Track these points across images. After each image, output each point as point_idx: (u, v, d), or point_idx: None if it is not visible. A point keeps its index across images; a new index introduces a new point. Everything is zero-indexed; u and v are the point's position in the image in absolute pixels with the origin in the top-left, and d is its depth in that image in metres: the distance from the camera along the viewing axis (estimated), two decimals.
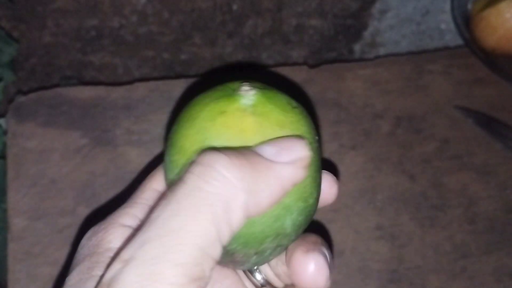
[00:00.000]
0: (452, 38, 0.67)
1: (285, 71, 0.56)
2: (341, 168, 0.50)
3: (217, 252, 0.22)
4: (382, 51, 0.68)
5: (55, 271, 0.43)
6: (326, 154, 0.51)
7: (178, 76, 0.59)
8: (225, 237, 0.22)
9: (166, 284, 0.20)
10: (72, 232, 0.44)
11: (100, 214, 0.34)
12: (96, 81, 0.63)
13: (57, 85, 0.54)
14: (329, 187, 0.29)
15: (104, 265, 0.25)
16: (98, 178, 0.46)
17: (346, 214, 0.48)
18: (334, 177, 0.30)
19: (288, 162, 0.24)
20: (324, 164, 0.31)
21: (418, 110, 0.55)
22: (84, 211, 0.45)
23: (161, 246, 0.21)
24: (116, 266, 0.21)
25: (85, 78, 0.65)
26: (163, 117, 0.51)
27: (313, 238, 0.29)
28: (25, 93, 0.50)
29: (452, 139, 0.53)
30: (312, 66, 0.57)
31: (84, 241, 0.27)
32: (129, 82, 0.53)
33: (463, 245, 0.48)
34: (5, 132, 0.48)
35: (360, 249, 0.47)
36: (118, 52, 0.64)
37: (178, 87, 0.53)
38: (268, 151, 0.24)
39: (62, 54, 0.63)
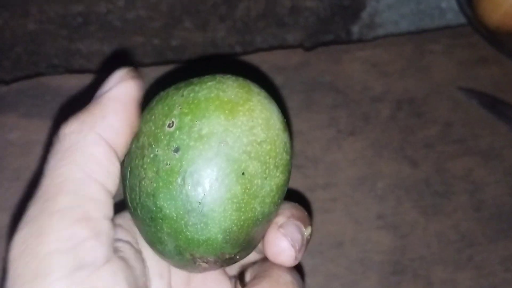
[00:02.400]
0: (454, 17, 0.64)
1: (279, 54, 0.53)
2: (340, 155, 0.48)
3: (92, 190, 0.24)
4: (381, 31, 0.66)
5: None
6: (323, 141, 0.48)
7: (168, 62, 0.56)
8: (97, 173, 0.24)
9: (51, 233, 0.22)
10: None
11: None
12: (84, 69, 0.60)
13: (40, 74, 0.51)
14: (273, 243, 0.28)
15: None
16: None
17: (345, 203, 0.46)
18: (281, 231, 0.28)
19: (112, 86, 0.28)
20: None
21: (420, 93, 0.52)
22: None
23: (39, 206, 0.23)
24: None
25: (73, 66, 0.63)
26: None
27: (293, 210, 0.29)
28: (7, 83, 0.48)
29: (455, 122, 0.51)
30: (308, 49, 0.54)
31: None
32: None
33: (469, 233, 0.46)
34: None
35: (361, 239, 0.45)
36: (106, 39, 0.62)
37: (168, 73, 0.50)
38: (97, 93, 0.28)
39: (48, 42, 0.61)
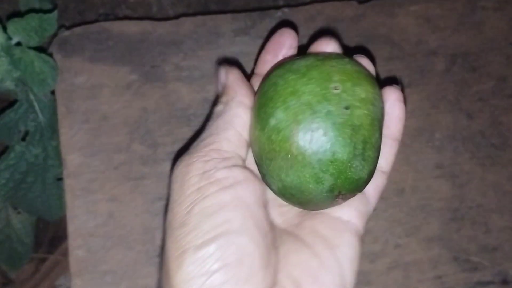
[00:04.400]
0: None
1: (333, 6, 0.53)
2: None
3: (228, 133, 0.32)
4: None
5: (113, 207, 0.42)
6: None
7: (211, 13, 0.56)
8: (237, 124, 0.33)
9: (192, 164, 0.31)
10: (128, 168, 0.43)
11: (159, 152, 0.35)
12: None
13: (87, 23, 0.51)
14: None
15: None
16: (151, 115, 0.45)
17: (405, 153, 0.47)
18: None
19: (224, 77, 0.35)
20: None
21: (473, 48, 0.53)
22: (139, 148, 0.44)
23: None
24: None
25: (119, 15, 0.63)
26: (212, 53, 0.48)
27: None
28: (69, 27, 0.48)
29: (509, 77, 0.51)
30: (361, 2, 0.54)
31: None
32: (175, 17, 0.50)
33: None
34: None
35: (421, 187, 0.46)
36: None
37: (226, 22, 0.50)
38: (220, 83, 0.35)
39: None
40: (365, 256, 0.43)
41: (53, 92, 0.46)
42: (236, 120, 0.32)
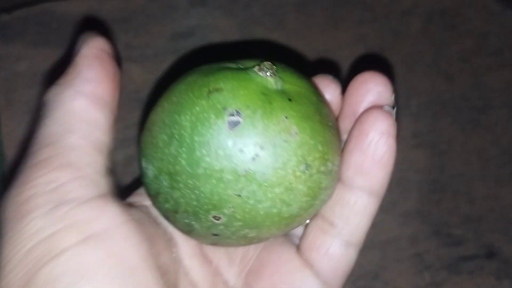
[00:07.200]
0: None
1: None
2: None
3: (72, 140, 0.20)
4: None
5: None
6: (352, 59, 0.45)
7: None
8: (76, 125, 0.21)
9: (31, 180, 0.19)
10: None
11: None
12: None
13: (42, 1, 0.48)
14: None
15: None
16: None
17: None
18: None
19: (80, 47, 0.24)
20: None
21: (451, 3, 0.49)
22: None
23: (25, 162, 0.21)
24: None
25: None
26: (166, 29, 0.45)
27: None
28: (8, 11, 0.45)
29: (490, 34, 0.47)
30: None
31: None
32: None
33: (510, 147, 0.43)
34: None
35: (397, 159, 0.42)
36: None
37: None
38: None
39: None
40: None
41: None
42: (74, 120, 0.21)
